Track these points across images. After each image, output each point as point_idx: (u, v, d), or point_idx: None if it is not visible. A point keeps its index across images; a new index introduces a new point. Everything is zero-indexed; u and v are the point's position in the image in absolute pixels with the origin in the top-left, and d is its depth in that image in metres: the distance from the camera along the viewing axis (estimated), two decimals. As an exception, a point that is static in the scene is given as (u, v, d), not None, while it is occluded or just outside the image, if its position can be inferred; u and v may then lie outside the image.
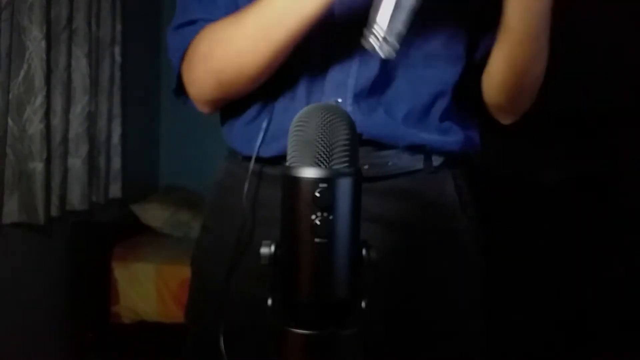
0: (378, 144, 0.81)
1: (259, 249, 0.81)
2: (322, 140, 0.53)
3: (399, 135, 0.82)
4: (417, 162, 0.84)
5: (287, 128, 0.80)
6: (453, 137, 0.85)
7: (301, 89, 0.82)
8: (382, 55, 0.66)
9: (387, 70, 0.81)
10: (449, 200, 0.86)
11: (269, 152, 0.84)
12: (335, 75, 0.81)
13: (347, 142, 0.54)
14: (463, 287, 0.87)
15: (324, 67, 0.82)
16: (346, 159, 0.53)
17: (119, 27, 2.73)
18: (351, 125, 0.55)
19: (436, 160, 0.85)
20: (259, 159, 0.84)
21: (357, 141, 0.56)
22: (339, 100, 0.80)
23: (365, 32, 0.67)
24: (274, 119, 0.84)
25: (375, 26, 0.65)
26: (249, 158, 0.84)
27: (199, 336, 0.91)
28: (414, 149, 0.83)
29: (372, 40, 0.66)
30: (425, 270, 0.84)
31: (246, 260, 0.86)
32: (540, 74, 0.84)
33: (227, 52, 0.80)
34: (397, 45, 0.66)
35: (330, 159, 0.53)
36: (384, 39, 0.65)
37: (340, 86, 0.81)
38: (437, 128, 0.83)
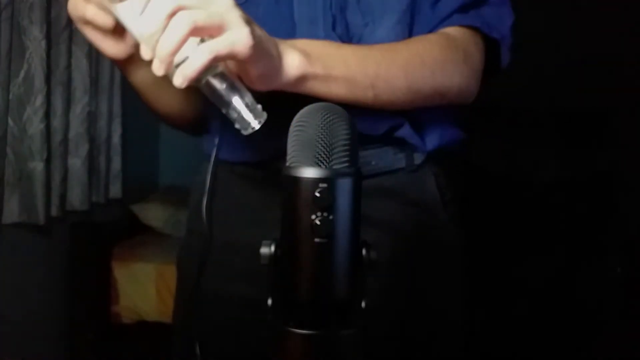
0: (361, 141, 0.81)
1: (239, 250, 0.83)
2: (322, 140, 0.53)
3: (379, 121, 0.81)
4: (399, 161, 0.84)
5: (267, 131, 0.82)
6: (430, 130, 0.84)
7: (277, 94, 0.82)
8: (257, 126, 0.64)
9: None
10: (430, 198, 0.87)
11: (253, 157, 0.84)
12: None
13: (347, 142, 0.54)
14: (444, 284, 0.88)
15: None
16: (346, 159, 0.53)
17: (119, 27, 2.73)
18: (351, 125, 0.55)
19: (418, 159, 0.85)
20: (245, 164, 0.86)
21: (357, 141, 0.56)
22: None
23: (237, 123, 0.64)
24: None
25: (232, 110, 0.64)
26: (229, 162, 0.86)
27: (183, 337, 0.92)
28: (393, 139, 0.83)
29: (246, 123, 0.64)
30: (406, 267, 0.85)
31: (226, 261, 0.87)
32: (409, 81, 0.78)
33: None
34: (260, 108, 0.64)
35: (330, 159, 0.53)
36: (255, 118, 0.64)
37: None
38: (413, 120, 0.83)
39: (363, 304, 0.55)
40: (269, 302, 0.55)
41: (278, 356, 0.54)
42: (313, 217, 0.52)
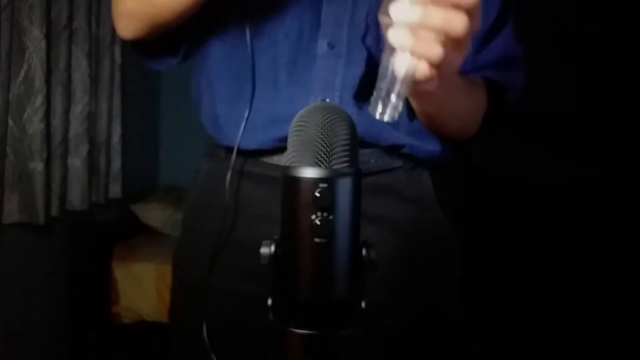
0: (361, 143, 0.82)
1: (241, 247, 0.83)
2: (322, 140, 0.53)
3: (383, 136, 0.83)
4: (397, 161, 0.86)
5: (270, 119, 0.82)
6: (430, 144, 0.86)
7: (287, 86, 0.83)
8: (386, 119, 0.62)
9: (373, 70, 0.81)
10: (426, 195, 0.88)
11: (251, 144, 0.84)
12: (322, 74, 0.81)
13: (347, 142, 0.54)
14: (442, 280, 0.89)
15: (310, 65, 0.82)
16: (346, 159, 0.53)
17: (119, 27, 2.73)
18: (351, 125, 0.55)
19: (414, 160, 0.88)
20: (241, 152, 0.85)
21: (357, 141, 0.56)
22: (327, 99, 0.81)
23: (374, 101, 0.62)
24: (257, 110, 0.84)
25: (384, 94, 0.61)
26: (230, 148, 0.85)
27: (185, 336, 0.92)
28: (394, 150, 0.85)
29: (379, 109, 0.62)
30: (404, 263, 0.86)
31: (229, 258, 0.87)
32: (464, 124, 0.87)
33: None
34: (400, 108, 0.62)
35: (330, 159, 0.53)
36: (392, 105, 0.61)
37: (328, 85, 0.81)
38: (417, 132, 0.85)
39: (363, 304, 0.55)
40: (269, 301, 0.55)
41: (278, 356, 0.54)
42: (313, 217, 0.52)
